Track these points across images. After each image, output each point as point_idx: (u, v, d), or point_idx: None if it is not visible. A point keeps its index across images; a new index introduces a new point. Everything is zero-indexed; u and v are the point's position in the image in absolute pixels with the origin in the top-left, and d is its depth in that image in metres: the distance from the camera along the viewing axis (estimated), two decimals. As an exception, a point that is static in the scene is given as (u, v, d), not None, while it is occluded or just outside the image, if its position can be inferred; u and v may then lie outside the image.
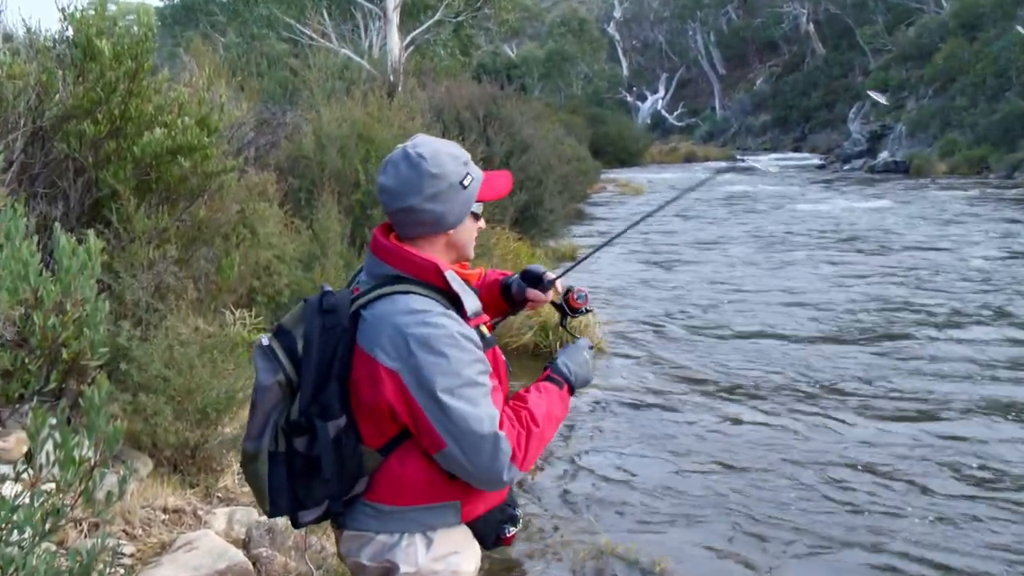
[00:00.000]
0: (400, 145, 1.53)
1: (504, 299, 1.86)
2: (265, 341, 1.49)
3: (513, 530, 1.58)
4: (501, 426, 1.42)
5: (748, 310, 7.78)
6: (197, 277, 3.94)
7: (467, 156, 1.55)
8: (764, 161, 30.44)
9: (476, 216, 1.58)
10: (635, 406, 5.36)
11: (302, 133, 6.90)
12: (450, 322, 1.43)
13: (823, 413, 5.02)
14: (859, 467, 4.25)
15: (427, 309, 1.43)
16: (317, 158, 6.54)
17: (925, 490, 4.00)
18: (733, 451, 4.49)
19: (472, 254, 1.58)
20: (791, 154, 36.27)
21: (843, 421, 4.87)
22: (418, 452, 1.47)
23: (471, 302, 1.51)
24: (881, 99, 30.47)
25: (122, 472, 1.70)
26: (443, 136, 8.21)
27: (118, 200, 3.61)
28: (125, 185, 3.59)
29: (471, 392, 1.40)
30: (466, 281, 1.56)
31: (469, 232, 1.57)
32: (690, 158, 35.86)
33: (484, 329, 1.53)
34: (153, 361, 3.23)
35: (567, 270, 2.02)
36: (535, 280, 1.84)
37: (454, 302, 1.49)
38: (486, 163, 9.45)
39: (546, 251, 10.45)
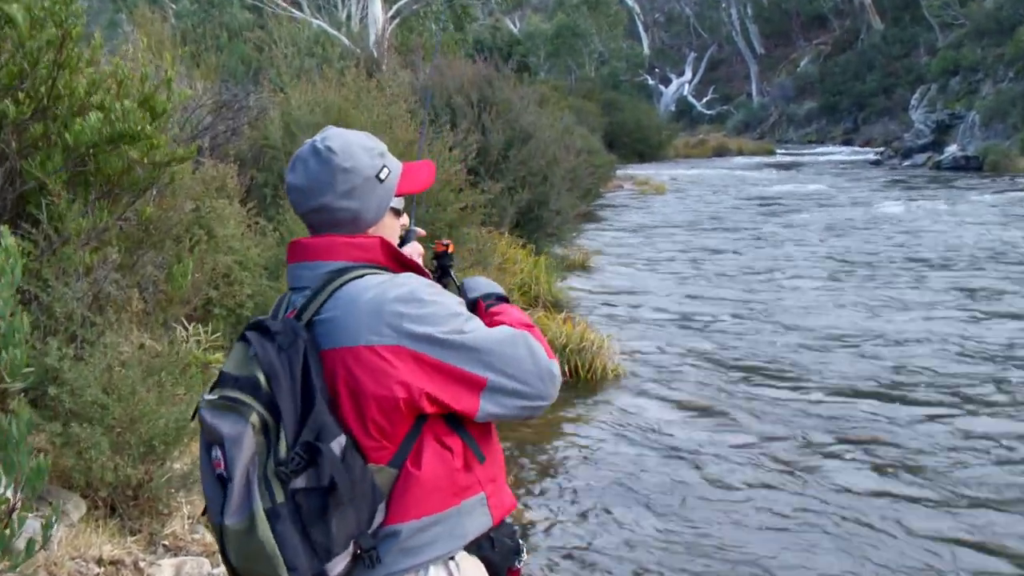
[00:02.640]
0: (308, 140, 1.63)
1: None
2: (212, 396, 1.48)
3: (520, 563, 1.64)
4: None
5: (800, 348, 7.57)
6: (143, 286, 3.94)
7: (383, 147, 1.65)
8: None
9: (397, 212, 1.69)
10: (643, 453, 5.34)
11: (268, 118, 6.93)
12: (415, 277, 1.57)
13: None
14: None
15: (389, 277, 1.55)
16: (285, 148, 6.56)
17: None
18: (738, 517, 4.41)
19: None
20: (840, 147, 36.45)
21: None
22: (433, 444, 1.52)
23: (426, 271, 1.66)
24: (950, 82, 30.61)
25: (48, 516, 1.69)
26: (432, 124, 8.26)
27: (47, 195, 3.60)
28: (56, 178, 3.59)
29: (474, 323, 1.54)
30: None
31: (390, 229, 1.68)
32: (721, 152, 36.05)
33: None
34: (88, 385, 3.22)
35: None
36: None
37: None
38: (481, 156, 9.49)
39: (552, 259, 10.50)
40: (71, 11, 3.53)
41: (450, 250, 2.00)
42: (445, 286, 1.81)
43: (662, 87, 48.85)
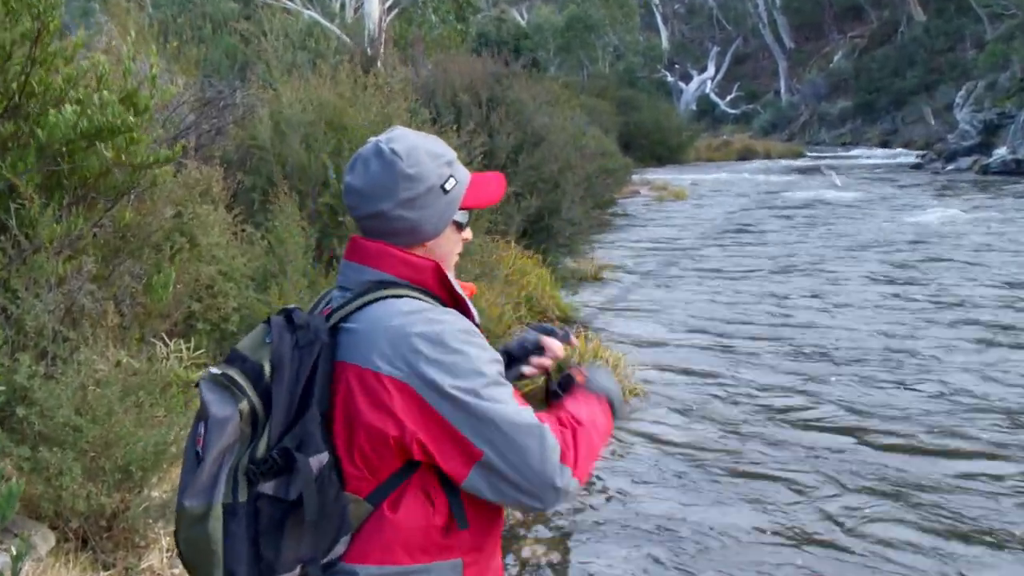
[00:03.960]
0: (373, 138, 1.62)
1: None
2: (216, 370, 1.51)
3: None
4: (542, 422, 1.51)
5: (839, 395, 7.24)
6: (120, 298, 3.96)
7: (452, 155, 1.64)
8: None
9: (460, 226, 1.66)
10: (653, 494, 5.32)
11: (256, 117, 6.97)
12: (457, 318, 1.54)
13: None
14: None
15: (428, 307, 1.52)
16: (275, 149, 6.60)
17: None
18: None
19: (453, 271, 1.66)
20: (877, 150, 36.45)
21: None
22: (417, 492, 1.51)
23: (474, 311, 1.61)
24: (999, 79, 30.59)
25: (15, 549, 1.69)
26: (435, 125, 8.29)
27: (18, 198, 3.63)
28: (27, 179, 3.62)
29: (499, 392, 1.49)
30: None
31: (451, 244, 1.66)
32: (747, 155, 36.02)
33: None
34: (60, 405, 3.23)
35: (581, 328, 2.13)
36: (546, 332, 1.88)
37: (459, 310, 1.59)
38: (488, 159, 9.53)
39: (563, 272, 10.52)
40: (49, 2, 3.56)
41: (577, 380, 1.86)
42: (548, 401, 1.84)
43: (682, 84, 48.98)
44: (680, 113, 42.07)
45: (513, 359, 1.83)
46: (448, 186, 1.59)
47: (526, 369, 1.81)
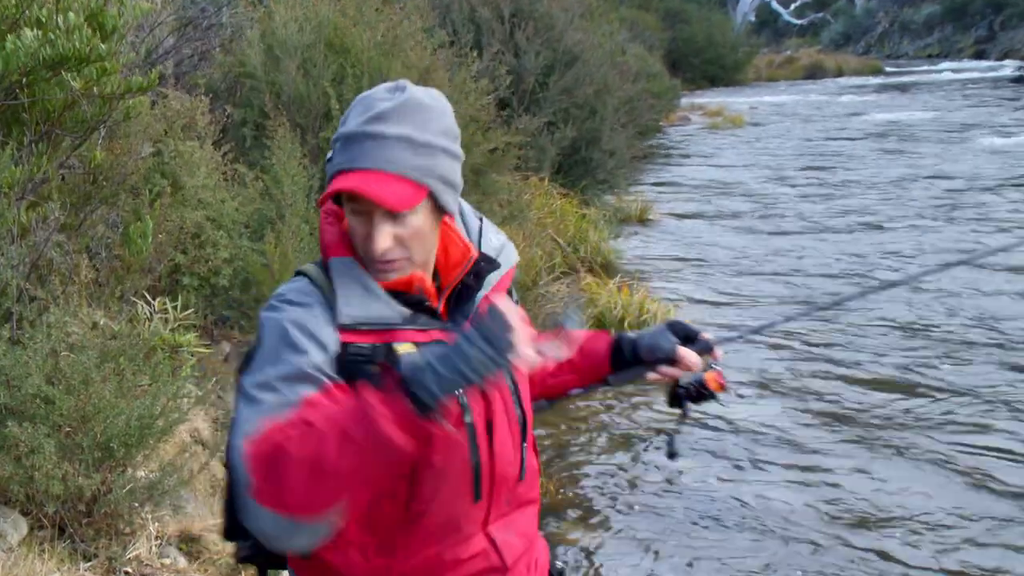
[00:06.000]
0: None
1: (613, 361, 1.92)
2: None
3: None
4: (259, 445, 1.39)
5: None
6: (93, 250, 3.95)
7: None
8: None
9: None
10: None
11: (245, 40, 6.89)
12: (294, 311, 1.56)
13: None
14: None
15: (284, 292, 1.60)
16: (268, 77, 6.53)
17: None
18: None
19: (374, 255, 1.58)
20: (971, 62, 35.65)
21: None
22: None
23: (355, 307, 1.56)
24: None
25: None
26: (451, 46, 8.15)
27: (-27, 137, 3.61)
28: (-17, 115, 3.60)
29: (263, 395, 1.47)
30: (409, 288, 1.61)
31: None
32: (815, 73, 35.75)
33: (399, 349, 1.56)
34: (29, 374, 3.22)
35: (736, 337, 2.18)
36: (686, 337, 1.89)
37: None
38: (516, 83, 9.40)
39: (603, 212, 10.41)
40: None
41: (715, 388, 1.93)
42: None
43: (739, -8, 48.11)
44: (736, 27, 41.34)
45: (638, 359, 1.86)
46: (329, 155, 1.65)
47: (651, 375, 1.85)
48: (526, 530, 1.73)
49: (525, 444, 1.70)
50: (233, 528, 1.62)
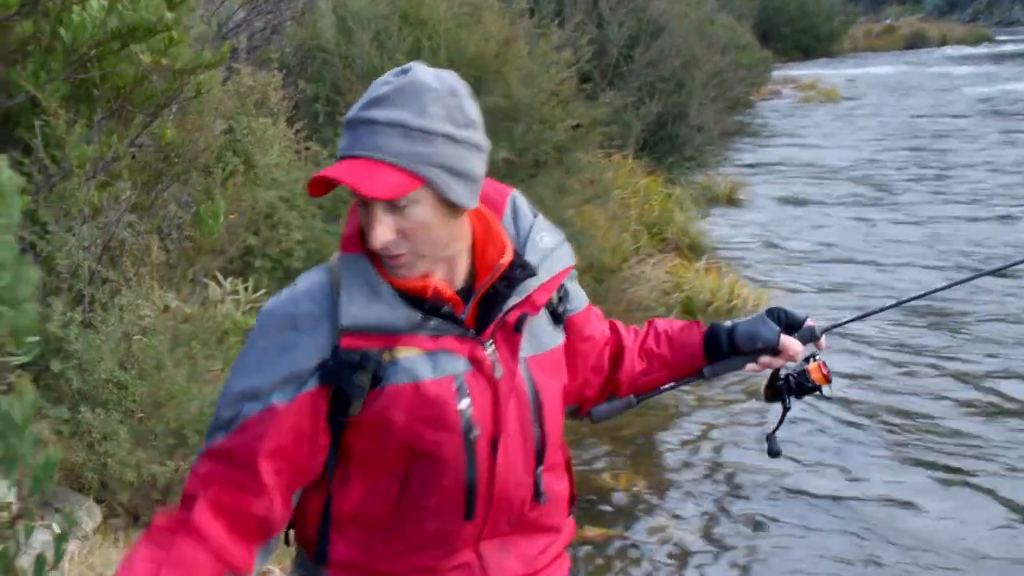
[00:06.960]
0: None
1: (708, 351, 1.89)
2: None
3: None
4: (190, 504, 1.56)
5: None
6: (165, 231, 3.98)
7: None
8: None
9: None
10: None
11: (317, 13, 6.91)
12: (291, 306, 1.57)
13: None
14: None
15: (287, 293, 1.61)
16: (340, 51, 6.54)
17: None
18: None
19: (373, 248, 1.54)
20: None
21: None
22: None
23: (357, 309, 1.53)
24: None
25: (57, 527, 1.68)
26: (531, 16, 8.08)
27: (42, 114, 3.62)
28: (51, 90, 3.60)
29: (222, 411, 1.57)
30: (423, 293, 1.55)
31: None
32: (917, 42, 35.01)
33: (399, 354, 1.55)
34: (102, 358, 3.26)
35: (842, 323, 2.11)
36: (789, 325, 1.87)
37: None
38: (599, 56, 9.31)
39: (691, 191, 10.28)
40: None
41: (819, 380, 1.90)
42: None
43: (834, -42, 47.10)
44: (831, -6, 40.57)
45: (735, 349, 1.83)
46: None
47: (749, 366, 1.83)
48: (531, 556, 1.70)
49: (541, 468, 1.65)
50: None
